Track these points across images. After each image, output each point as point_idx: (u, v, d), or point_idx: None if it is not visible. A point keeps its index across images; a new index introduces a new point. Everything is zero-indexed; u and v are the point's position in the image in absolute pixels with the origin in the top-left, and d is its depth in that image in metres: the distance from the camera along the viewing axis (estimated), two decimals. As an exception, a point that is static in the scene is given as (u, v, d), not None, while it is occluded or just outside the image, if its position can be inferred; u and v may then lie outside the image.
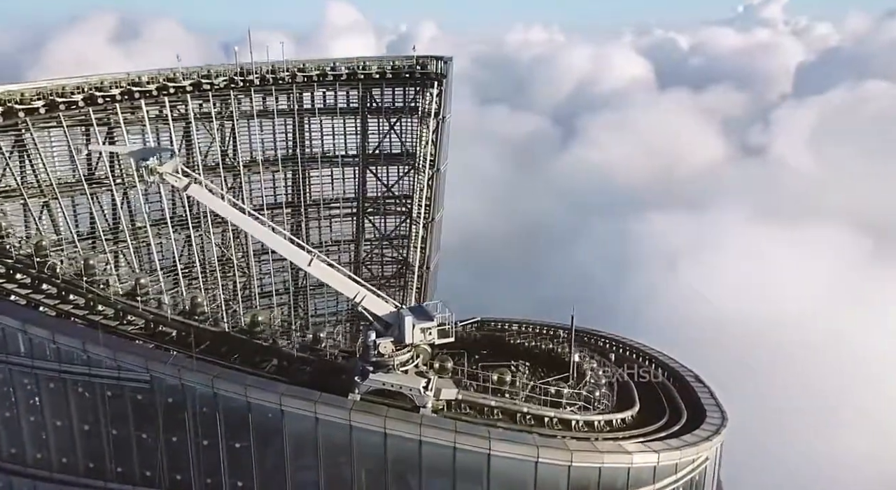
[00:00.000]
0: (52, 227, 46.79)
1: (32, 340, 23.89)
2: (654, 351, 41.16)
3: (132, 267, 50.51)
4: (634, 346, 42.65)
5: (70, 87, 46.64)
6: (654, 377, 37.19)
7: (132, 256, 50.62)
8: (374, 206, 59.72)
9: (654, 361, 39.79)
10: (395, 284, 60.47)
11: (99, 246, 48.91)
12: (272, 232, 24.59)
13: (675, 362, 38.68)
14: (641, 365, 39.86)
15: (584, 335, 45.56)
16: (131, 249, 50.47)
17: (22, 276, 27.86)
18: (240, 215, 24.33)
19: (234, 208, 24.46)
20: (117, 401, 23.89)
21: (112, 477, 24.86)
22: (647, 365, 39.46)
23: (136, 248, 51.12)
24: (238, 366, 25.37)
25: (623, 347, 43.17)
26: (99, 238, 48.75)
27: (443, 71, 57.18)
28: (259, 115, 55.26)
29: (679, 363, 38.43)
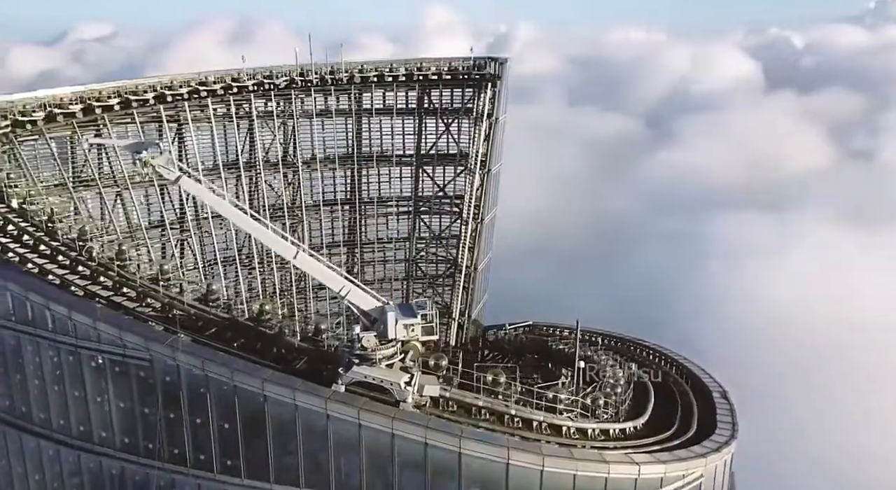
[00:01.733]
0: (124, 215, 50.98)
1: (55, 316, 26.33)
2: (689, 363, 40.12)
3: (195, 256, 54.15)
4: (669, 356, 41.66)
5: (144, 86, 50.53)
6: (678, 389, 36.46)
7: (196, 246, 54.12)
8: (427, 205, 60.68)
9: (684, 373, 38.74)
10: (445, 283, 61.23)
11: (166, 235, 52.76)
12: (260, 225, 25.80)
13: (707, 376, 37.59)
14: (671, 375, 38.87)
15: (623, 342, 44.86)
16: (194, 239, 53.95)
17: (63, 258, 30.67)
18: (229, 207, 25.82)
19: (224, 201, 25.86)
20: (123, 377, 25.91)
21: (120, 447, 26.97)
22: (677, 376, 38.51)
23: (200, 238, 54.60)
24: (238, 351, 26.84)
25: (659, 357, 42.18)
26: (165, 227, 52.52)
27: (498, 72, 57.31)
28: (319, 115, 57.51)
29: (711, 377, 37.31)
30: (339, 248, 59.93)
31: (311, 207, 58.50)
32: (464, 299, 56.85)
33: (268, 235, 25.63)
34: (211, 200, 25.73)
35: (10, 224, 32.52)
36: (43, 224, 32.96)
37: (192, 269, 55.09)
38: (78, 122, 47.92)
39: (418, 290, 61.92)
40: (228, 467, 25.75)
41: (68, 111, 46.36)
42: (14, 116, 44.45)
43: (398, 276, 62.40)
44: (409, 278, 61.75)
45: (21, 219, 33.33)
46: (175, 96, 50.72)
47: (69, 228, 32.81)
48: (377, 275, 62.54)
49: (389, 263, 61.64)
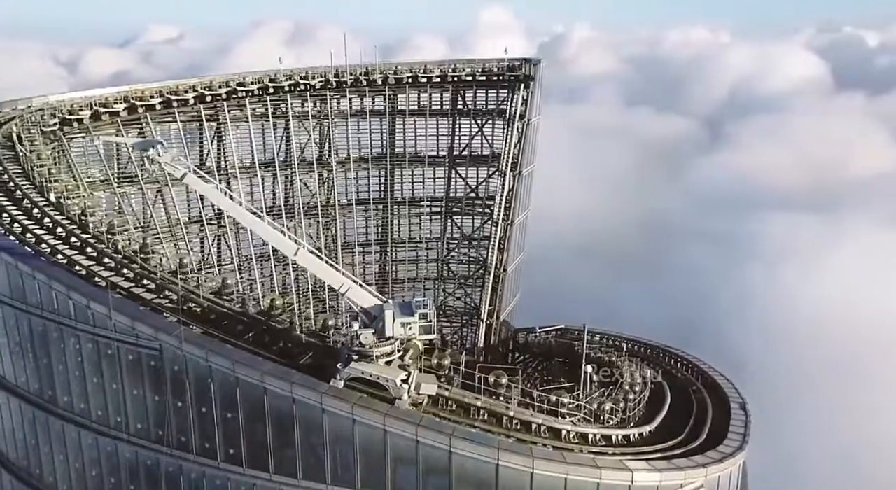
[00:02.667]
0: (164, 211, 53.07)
1: (76, 305, 27.72)
2: (714, 372, 39.68)
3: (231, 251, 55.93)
4: (694, 364, 41.21)
5: (185, 87, 52.51)
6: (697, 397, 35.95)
7: (231, 241, 55.88)
8: (458, 206, 60.97)
9: (706, 381, 38.16)
10: (475, 284, 61.38)
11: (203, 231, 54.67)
12: (263, 222, 26.52)
13: (730, 385, 37.04)
14: (693, 384, 38.32)
15: (650, 348, 44.31)
16: (230, 235, 55.70)
17: (91, 250, 32.23)
18: (233, 205, 26.57)
19: (226, 198, 26.65)
20: (135, 365, 27.09)
21: (133, 432, 28.17)
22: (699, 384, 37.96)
23: (236, 234, 56.32)
24: (245, 344, 27.68)
25: (684, 364, 41.66)
26: (201, 223, 54.42)
27: (532, 73, 57.16)
28: (354, 115, 58.54)
29: (733, 387, 36.78)
30: (370, 246, 60.85)
31: (345, 206, 59.58)
32: (493, 301, 56.89)
33: (270, 232, 26.34)
34: (215, 197, 26.59)
35: (47, 217, 34.32)
36: (77, 217, 34.67)
37: (228, 264, 56.96)
38: (123, 121, 50.26)
39: (449, 291, 62.31)
40: (231, 456, 26.61)
41: (113, 110, 48.62)
42: (63, 115, 46.87)
43: (430, 275, 62.90)
44: (440, 278, 62.16)
45: (57, 212, 35.15)
46: (214, 96, 52.52)
47: (100, 222, 34.45)
48: (409, 274, 63.19)
49: (421, 263, 62.19)
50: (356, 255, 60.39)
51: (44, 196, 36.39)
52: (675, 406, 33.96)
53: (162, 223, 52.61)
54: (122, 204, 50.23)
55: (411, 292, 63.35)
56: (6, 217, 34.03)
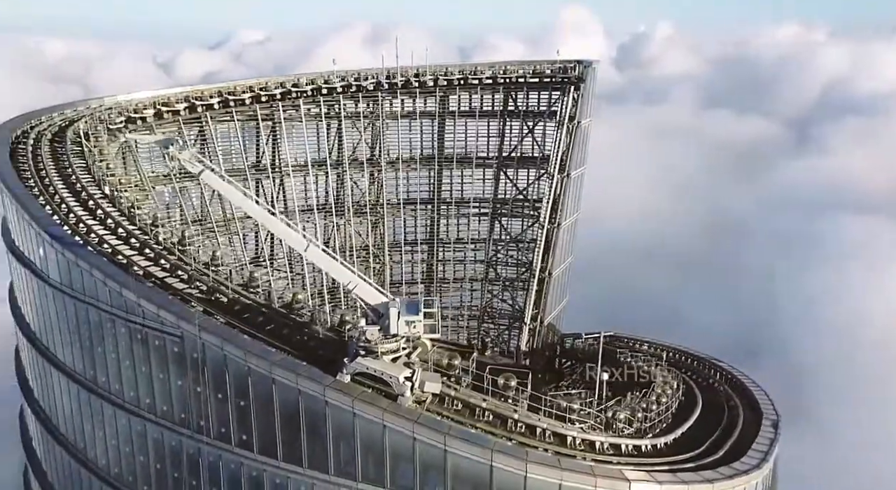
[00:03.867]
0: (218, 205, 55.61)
1: (111, 291, 29.64)
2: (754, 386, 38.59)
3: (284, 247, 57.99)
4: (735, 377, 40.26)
5: (242, 87, 54.89)
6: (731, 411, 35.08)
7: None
8: (505, 207, 60.96)
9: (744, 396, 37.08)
10: (520, 287, 61.18)
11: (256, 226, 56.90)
12: (275, 218, 27.50)
13: (767, 401, 35.91)
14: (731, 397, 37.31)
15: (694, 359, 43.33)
16: (281, 230, 57.69)
17: (135, 240, 34.30)
18: (246, 201, 27.64)
19: (241, 194, 27.72)
20: (161, 350, 28.72)
21: (159, 414, 29.85)
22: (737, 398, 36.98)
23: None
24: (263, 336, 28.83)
25: (725, 377, 40.62)
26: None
27: (582, 75, 56.53)
28: (404, 117, 59.55)
29: (770, 403, 35.65)
30: (418, 246, 61.68)
31: (394, 206, 60.65)
32: (538, 304, 56.60)
33: (281, 229, 27.30)
34: (230, 194, 27.67)
35: (100, 209, 36.73)
36: (126, 210, 36.94)
37: (280, 258, 59.13)
38: (183, 120, 53.08)
39: (494, 292, 62.39)
40: (244, 442, 27.80)
41: (174, 109, 51.41)
42: (128, 114, 49.92)
43: (476, 276, 63.16)
44: (486, 280, 62.31)
45: (110, 204, 37.55)
46: (269, 97, 54.63)
47: (147, 215, 36.59)
48: (457, 274, 63.65)
49: (467, 264, 62.52)
50: (403, 253, 61.36)
51: (100, 189, 38.93)
52: (703, 419, 33.17)
53: (218, 218, 55.18)
54: (181, 198, 53.04)
55: (458, 292, 63.92)
56: (64, 208, 36.60)
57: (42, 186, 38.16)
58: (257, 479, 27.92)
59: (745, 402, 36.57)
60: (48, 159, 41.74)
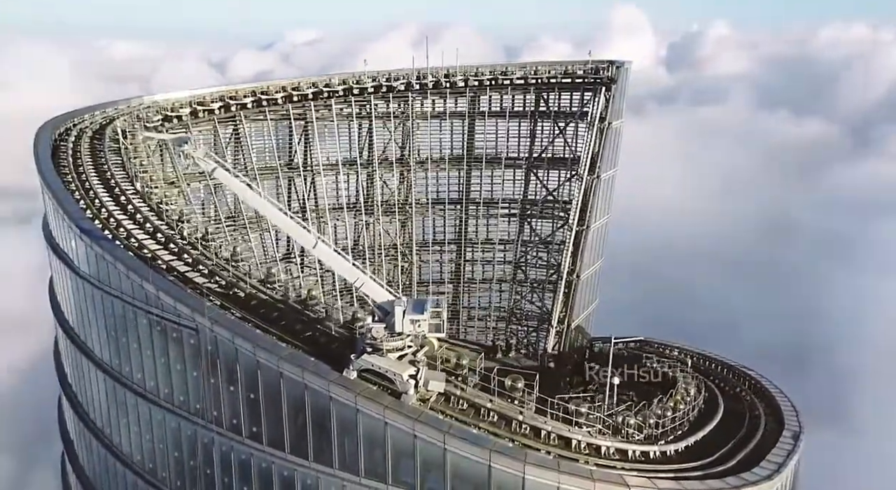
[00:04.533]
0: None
1: (133, 283, 30.71)
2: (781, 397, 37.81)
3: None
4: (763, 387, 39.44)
5: (276, 87, 56.04)
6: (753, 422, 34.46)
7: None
8: (534, 209, 60.68)
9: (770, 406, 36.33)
10: (548, 289, 60.79)
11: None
12: (285, 216, 28.02)
13: (792, 412, 35.15)
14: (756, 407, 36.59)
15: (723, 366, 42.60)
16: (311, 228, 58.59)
17: (160, 235, 35.47)
18: (257, 198, 28.23)
19: (250, 190, 28.33)
20: (178, 342, 29.64)
21: (177, 404, 30.83)
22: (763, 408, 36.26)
23: (318, 227, 59.27)
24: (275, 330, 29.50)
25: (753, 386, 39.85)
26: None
27: (614, 76, 55.86)
28: (434, 117, 59.85)
29: (795, 414, 34.89)
30: (446, 245, 61.86)
31: (423, 205, 61.00)
32: (564, 306, 56.15)
33: (290, 225, 27.82)
34: (241, 191, 28.30)
35: (130, 204, 38.08)
36: (155, 206, 38.20)
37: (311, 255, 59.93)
38: (218, 118, 54.51)
39: (521, 294, 62.15)
40: (254, 433, 28.50)
41: (209, 108, 52.84)
42: (165, 112, 51.54)
43: (504, 277, 63.01)
44: (514, 281, 62.12)
45: (141, 200, 38.89)
46: (301, 97, 55.65)
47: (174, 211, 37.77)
48: (485, 274, 63.58)
49: (497, 264, 62.42)
50: (431, 253, 61.66)
51: (133, 185, 40.34)
52: (722, 428, 32.58)
53: (251, 215, 56.37)
54: (214, 196, 54.46)
55: (486, 293, 63.88)
56: (97, 203, 38.06)
57: (79, 182, 39.75)
58: (266, 470, 28.57)
59: (769, 411, 35.77)
60: (86, 156, 43.44)
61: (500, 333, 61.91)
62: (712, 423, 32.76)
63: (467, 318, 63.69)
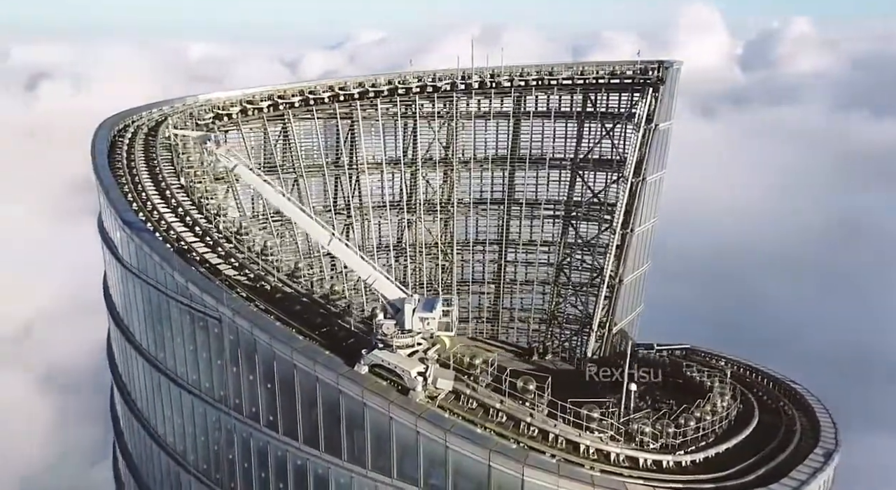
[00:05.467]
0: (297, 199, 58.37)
1: (166, 273, 32.16)
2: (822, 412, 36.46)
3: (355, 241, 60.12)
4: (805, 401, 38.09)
5: (323, 87, 57.38)
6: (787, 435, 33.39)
7: (356, 233, 60.09)
8: (578, 210, 59.93)
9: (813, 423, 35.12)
10: (591, 292, 59.94)
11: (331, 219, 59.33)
12: (302, 213, 28.68)
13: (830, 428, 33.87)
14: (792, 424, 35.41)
15: (775, 383, 41.42)
16: (355, 226, 59.90)
17: (198, 228, 36.96)
18: (275, 194, 28.97)
19: (270, 187, 29.09)
20: (204, 331, 30.86)
21: (203, 390, 32.11)
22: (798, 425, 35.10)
23: (362, 224, 60.43)
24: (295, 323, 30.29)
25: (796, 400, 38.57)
26: (330, 212, 59.13)
27: (663, 76, 54.64)
28: (479, 117, 59.94)
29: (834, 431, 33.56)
30: (488, 246, 61.80)
31: (465, 205, 61.16)
32: (605, 310, 55.34)
33: (307, 222, 28.47)
34: (261, 188, 29.11)
35: (174, 198, 39.84)
36: (197, 200, 39.83)
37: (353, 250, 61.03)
38: (267, 117, 56.27)
39: (563, 296, 61.47)
40: (270, 422, 29.41)
41: (258, 106, 54.61)
42: (216, 110, 53.58)
43: (547, 279, 62.46)
44: (556, 283, 61.52)
45: (184, 194, 40.62)
46: (347, 96, 56.78)
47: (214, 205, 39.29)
48: (528, 275, 63.17)
49: (537, 266, 61.93)
50: (473, 253, 61.75)
51: (178, 180, 42.17)
52: (750, 441, 31.61)
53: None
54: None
55: (528, 295, 63.48)
56: (144, 196, 39.99)
57: (129, 176, 41.84)
58: (281, 458, 29.44)
59: (809, 427, 34.41)
60: (139, 152, 45.65)
61: (542, 336, 61.44)
62: (740, 436, 31.77)
63: (509, 319, 63.49)
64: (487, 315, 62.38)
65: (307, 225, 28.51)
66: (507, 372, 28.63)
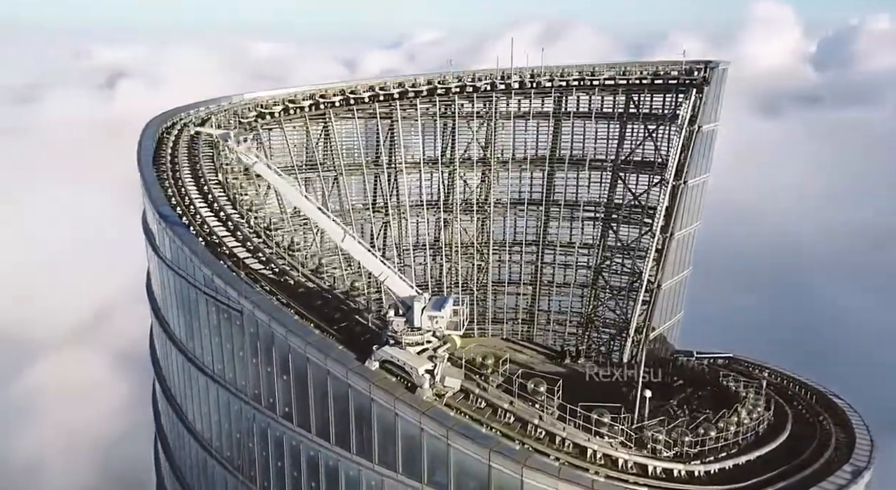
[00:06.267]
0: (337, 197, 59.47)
1: (195, 265, 33.34)
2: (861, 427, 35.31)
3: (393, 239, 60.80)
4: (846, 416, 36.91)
5: (364, 86, 58.20)
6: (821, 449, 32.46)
7: (393, 231, 60.70)
8: (618, 213, 58.93)
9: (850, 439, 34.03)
10: (629, 297, 58.82)
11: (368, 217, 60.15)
12: (318, 210, 29.19)
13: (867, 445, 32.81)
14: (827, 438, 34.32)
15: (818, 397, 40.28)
16: (393, 224, 60.51)
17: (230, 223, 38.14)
18: (293, 192, 29.58)
19: (288, 185, 29.71)
20: (228, 322, 31.87)
21: (227, 379, 33.19)
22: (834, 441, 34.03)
23: (399, 223, 60.97)
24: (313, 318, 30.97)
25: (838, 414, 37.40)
26: (368, 210, 59.93)
27: (708, 77, 53.21)
28: (518, 117, 59.65)
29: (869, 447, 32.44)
30: (524, 246, 61.39)
31: (503, 205, 60.92)
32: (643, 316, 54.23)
33: (322, 219, 28.96)
34: (278, 184, 29.73)
35: (211, 193, 41.22)
36: (232, 195, 41.11)
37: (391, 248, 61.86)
38: (309, 116, 57.46)
39: (601, 300, 60.54)
40: (286, 414, 30.17)
41: (300, 105, 55.84)
42: (259, 109, 55.05)
43: (586, 282, 61.59)
44: (593, 286, 60.64)
45: (221, 190, 41.98)
46: (387, 96, 57.43)
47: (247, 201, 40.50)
48: (566, 278, 62.42)
49: (574, 268, 61.13)
50: (511, 254, 61.46)
51: (216, 176, 43.61)
52: (776, 454, 30.71)
53: (336, 209, 58.98)
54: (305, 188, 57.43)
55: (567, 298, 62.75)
56: (183, 191, 41.52)
57: (171, 172, 43.50)
58: (295, 448, 30.18)
59: (845, 443, 33.16)
60: (183, 149, 47.37)
61: (580, 339, 60.70)
62: (765, 449, 30.86)
63: (545, 321, 62.93)
64: (523, 316, 61.99)
65: (322, 222, 29.04)
66: (518, 373, 28.60)
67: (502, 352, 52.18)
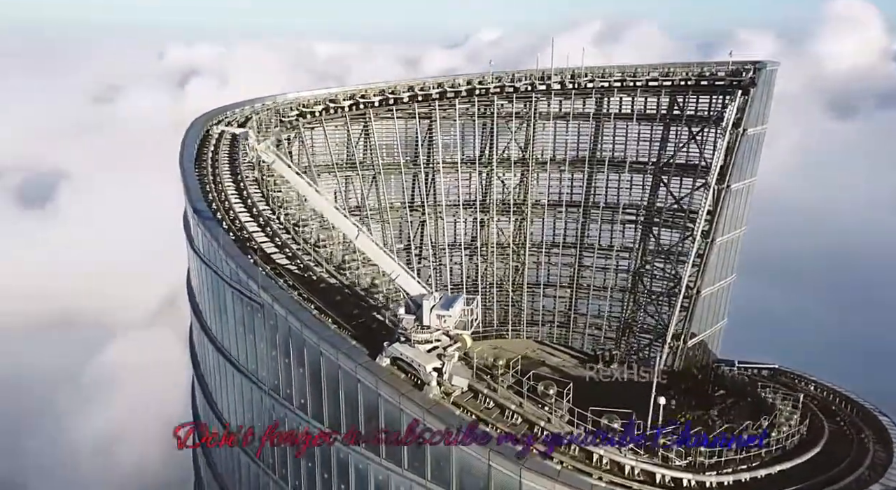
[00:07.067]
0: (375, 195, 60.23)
1: (222, 259, 34.38)
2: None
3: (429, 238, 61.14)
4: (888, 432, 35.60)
5: (403, 87, 58.75)
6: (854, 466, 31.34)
7: (429, 230, 61.06)
8: (659, 217, 57.66)
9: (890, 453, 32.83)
10: (668, 302, 57.51)
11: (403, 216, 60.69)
12: (333, 208, 29.62)
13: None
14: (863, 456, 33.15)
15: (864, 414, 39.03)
16: (428, 223, 60.86)
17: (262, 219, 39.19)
18: (309, 190, 30.01)
19: (305, 184, 30.17)
20: (251, 315, 32.76)
21: (249, 369, 34.13)
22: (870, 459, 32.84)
23: (435, 222, 61.29)
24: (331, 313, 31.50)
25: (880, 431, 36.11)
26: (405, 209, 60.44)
27: (755, 79, 51.56)
28: (558, 118, 59.09)
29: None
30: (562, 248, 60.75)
31: (541, 206, 60.47)
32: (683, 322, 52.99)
33: (337, 217, 29.41)
34: (295, 182, 30.28)
35: (246, 190, 42.42)
36: (266, 192, 42.19)
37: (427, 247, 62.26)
38: (350, 115, 58.40)
39: (639, 304, 59.38)
40: (302, 405, 30.82)
41: (340, 105, 56.83)
42: (300, 108, 56.30)
43: (624, 286, 60.53)
44: (632, 291, 59.54)
45: (256, 187, 43.13)
46: (426, 96, 57.83)
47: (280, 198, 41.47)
48: (606, 281, 61.48)
49: (612, 272, 60.14)
50: (551, 255, 60.90)
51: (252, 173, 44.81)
52: (801, 469, 29.66)
53: (373, 207, 59.85)
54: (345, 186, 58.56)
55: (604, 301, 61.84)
56: (220, 187, 42.85)
57: (211, 169, 44.98)
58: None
59: (882, 462, 31.75)
60: (224, 147, 48.88)
61: (617, 344, 59.71)
62: (790, 463, 29.82)
63: (584, 324, 62.16)
64: (560, 319, 61.39)
65: (337, 219, 29.52)
66: (529, 375, 28.43)
67: (533, 353, 51.83)
